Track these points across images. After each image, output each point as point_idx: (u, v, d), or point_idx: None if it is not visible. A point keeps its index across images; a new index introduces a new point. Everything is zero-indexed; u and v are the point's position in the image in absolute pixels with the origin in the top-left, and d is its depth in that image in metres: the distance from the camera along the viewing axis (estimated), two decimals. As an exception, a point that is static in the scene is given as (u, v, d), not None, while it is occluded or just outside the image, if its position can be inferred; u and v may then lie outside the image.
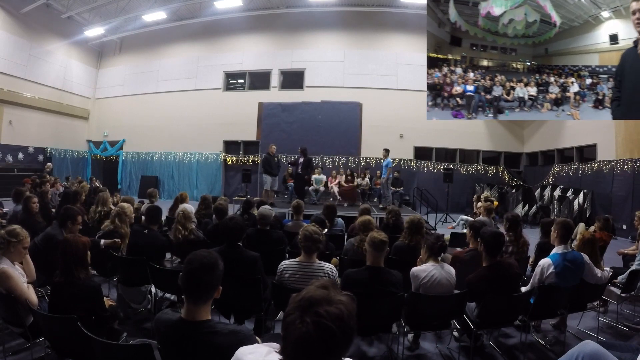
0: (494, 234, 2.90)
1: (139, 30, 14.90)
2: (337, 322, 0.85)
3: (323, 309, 0.86)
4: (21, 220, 4.20)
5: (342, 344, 0.87)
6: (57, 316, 2.18)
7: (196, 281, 1.51)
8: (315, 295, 0.90)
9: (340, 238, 4.55)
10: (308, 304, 0.88)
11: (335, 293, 0.92)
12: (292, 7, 13.88)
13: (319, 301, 0.88)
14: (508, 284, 2.82)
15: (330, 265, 2.81)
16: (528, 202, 11.16)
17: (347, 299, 0.93)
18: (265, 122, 13.29)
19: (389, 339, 3.20)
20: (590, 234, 3.53)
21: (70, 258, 2.32)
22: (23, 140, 12.80)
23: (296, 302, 0.91)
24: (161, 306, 3.21)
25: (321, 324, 0.85)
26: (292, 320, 0.88)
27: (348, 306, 0.90)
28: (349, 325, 0.88)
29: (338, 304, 0.88)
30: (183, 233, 3.80)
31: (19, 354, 2.77)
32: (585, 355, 1.48)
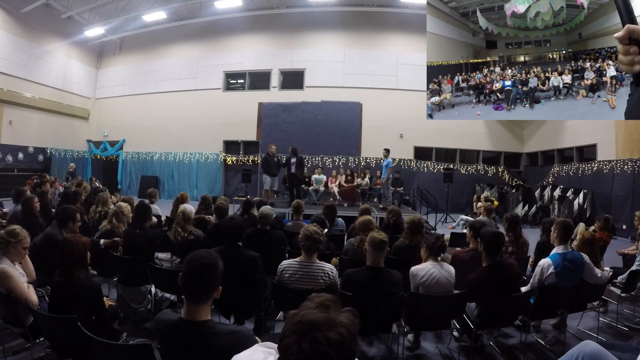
0: (494, 234, 2.90)
1: (139, 30, 14.90)
2: (337, 349, 0.80)
3: (322, 335, 0.81)
4: (21, 220, 4.19)
5: None
6: (57, 316, 2.18)
7: (196, 281, 1.51)
8: (315, 318, 0.84)
9: (340, 238, 4.55)
10: (306, 327, 0.83)
11: (336, 314, 0.87)
12: (292, 7, 13.88)
13: (318, 325, 0.83)
14: (508, 284, 2.82)
15: (331, 265, 2.81)
16: (528, 202, 11.16)
17: (349, 319, 0.87)
18: (265, 122, 13.29)
19: (389, 339, 3.20)
20: (591, 234, 3.53)
21: (70, 258, 2.31)
22: (23, 140, 12.80)
23: (293, 324, 0.86)
24: (161, 306, 3.21)
25: (319, 351, 0.80)
26: (288, 345, 0.83)
27: (350, 328, 0.85)
28: (350, 350, 0.83)
29: (339, 328, 0.83)
30: (182, 234, 3.80)
31: (19, 354, 2.77)
32: (586, 355, 1.47)
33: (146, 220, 3.72)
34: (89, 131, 15.81)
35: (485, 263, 2.88)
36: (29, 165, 12.86)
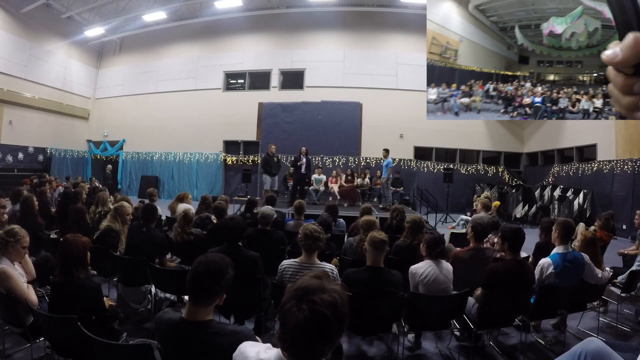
0: (515, 230, 2.94)
1: (139, 30, 14.90)
2: (330, 308, 0.92)
3: (318, 297, 0.92)
4: (20, 220, 4.19)
5: (336, 329, 0.93)
6: (57, 316, 2.18)
7: (199, 284, 1.51)
8: (310, 284, 0.96)
9: (341, 238, 4.55)
10: (303, 292, 0.94)
11: (328, 282, 0.98)
12: (292, 7, 13.88)
13: (313, 290, 0.94)
14: (527, 280, 2.85)
15: (331, 265, 2.81)
16: (528, 202, 11.16)
17: (339, 288, 0.99)
18: (265, 122, 13.28)
19: (389, 339, 3.20)
20: (592, 234, 3.53)
21: (69, 258, 2.31)
22: (23, 140, 12.80)
23: (292, 291, 0.97)
24: (161, 306, 3.21)
25: (316, 310, 0.91)
26: (289, 308, 0.94)
27: (341, 294, 0.97)
28: (342, 312, 0.94)
29: (332, 292, 0.95)
30: (182, 236, 3.80)
31: (19, 354, 2.77)
32: (589, 352, 1.47)
33: (153, 220, 3.72)
34: (89, 131, 15.80)
35: (509, 257, 2.91)
36: (29, 165, 12.86)
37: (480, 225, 3.37)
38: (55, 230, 5.00)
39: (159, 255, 3.44)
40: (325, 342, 0.94)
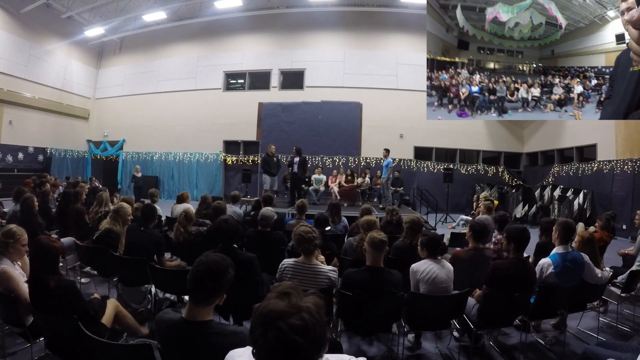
0: (520, 229, 2.95)
1: (139, 30, 14.91)
2: (300, 333, 0.82)
3: (284, 323, 0.83)
4: (20, 219, 4.19)
5: (311, 352, 0.84)
6: (57, 316, 2.17)
7: (199, 284, 1.51)
8: (276, 308, 0.86)
9: (342, 238, 4.55)
10: (269, 319, 0.85)
11: (297, 299, 0.89)
12: (292, 7, 13.88)
13: (280, 314, 0.84)
14: (529, 279, 2.86)
15: (331, 267, 2.80)
16: (528, 202, 11.16)
17: (312, 303, 0.89)
18: (265, 122, 13.28)
19: (389, 339, 3.20)
20: (590, 234, 3.53)
21: (39, 262, 2.28)
22: (23, 140, 12.81)
23: (258, 316, 0.88)
24: (161, 306, 3.21)
25: (283, 339, 0.82)
26: (257, 338, 0.86)
27: (312, 312, 0.86)
28: (315, 334, 0.84)
29: (301, 313, 0.85)
30: (184, 235, 3.80)
31: (19, 354, 2.77)
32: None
33: (152, 220, 3.73)
34: (89, 131, 15.81)
35: (513, 256, 2.92)
36: (29, 165, 12.87)
37: (478, 224, 3.37)
38: (55, 230, 5.01)
39: (157, 254, 3.44)
40: None
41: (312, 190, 10.28)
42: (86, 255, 3.96)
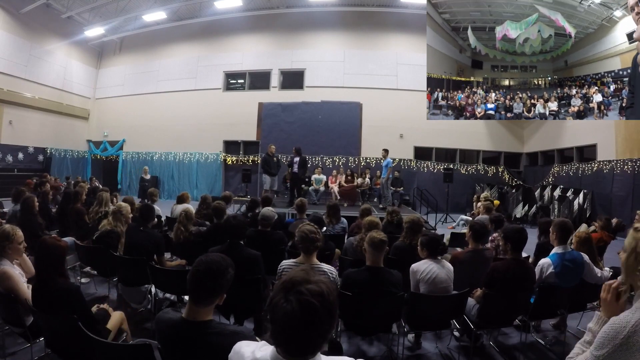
0: (517, 230, 2.96)
1: (139, 30, 14.91)
2: (318, 297, 0.93)
3: (304, 287, 0.94)
4: (20, 219, 4.20)
5: (325, 318, 0.94)
6: (57, 316, 2.17)
7: (198, 283, 1.51)
8: (296, 276, 0.98)
9: (342, 238, 4.55)
10: (291, 285, 0.96)
11: (314, 274, 1.00)
12: (292, 7, 13.89)
13: (300, 281, 0.96)
14: (529, 279, 2.86)
15: (330, 267, 2.80)
16: (528, 202, 11.16)
17: (327, 279, 1.00)
18: (265, 122, 13.28)
19: (389, 339, 3.20)
20: (586, 234, 3.53)
21: (44, 262, 2.26)
22: (23, 140, 12.80)
23: (280, 285, 0.99)
24: (161, 306, 3.21)
25: (303, 300, 0.92)
26: (277, 301, 0.95)
27: (328, 285, 0.99)
28: (330, 301, 0.95)
29: (319, 283, 0.97)
30: (185, 234, 3.80)
31: (19, 354, 2.77)
32: None
33: (150, 220, 3.73)
34: (89, 131, 15.81)
35: (510, 256, 2.93)
36: (29, 165, 12.86)
37: (478, 224, 3.37)
38: (55, 230, 5.01)
39: (157, 254, 3.44)
40: (316, 333, 0.94)
41: (312, 190, 10.28)
42: (86, 255, 3.96)
